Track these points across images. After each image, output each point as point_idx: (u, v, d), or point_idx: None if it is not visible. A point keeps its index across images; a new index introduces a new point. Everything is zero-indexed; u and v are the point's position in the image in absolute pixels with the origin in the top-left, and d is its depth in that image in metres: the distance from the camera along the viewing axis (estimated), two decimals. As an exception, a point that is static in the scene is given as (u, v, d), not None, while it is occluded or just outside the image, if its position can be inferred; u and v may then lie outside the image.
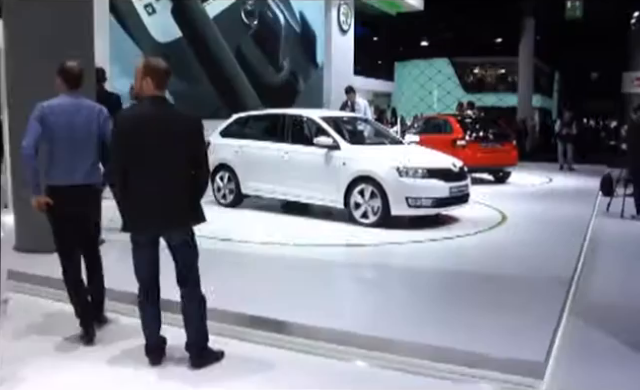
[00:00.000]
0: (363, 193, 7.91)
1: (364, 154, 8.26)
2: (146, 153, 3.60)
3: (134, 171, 3.64)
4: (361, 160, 8.04)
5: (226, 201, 9.37)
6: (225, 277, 5.59)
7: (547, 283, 5.48)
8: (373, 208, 7.85)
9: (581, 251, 6.72)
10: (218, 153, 9.30)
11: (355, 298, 5.17)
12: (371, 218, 7.86)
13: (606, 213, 9.75)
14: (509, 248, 7.08)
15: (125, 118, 3.79)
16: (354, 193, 7.96)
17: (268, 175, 8.80)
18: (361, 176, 7.92)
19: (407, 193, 7.68)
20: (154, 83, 3.63)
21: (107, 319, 4.63)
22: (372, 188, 7.81)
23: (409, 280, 5.77)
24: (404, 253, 6.90)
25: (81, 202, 4.34)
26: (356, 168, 7.98)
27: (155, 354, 3.90)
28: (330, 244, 7.20)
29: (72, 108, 4.32)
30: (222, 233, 7.35)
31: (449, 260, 6.54)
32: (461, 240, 7.40)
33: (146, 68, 3.65)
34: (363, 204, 7.93)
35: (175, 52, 11.36)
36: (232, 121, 9.67)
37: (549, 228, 8.37)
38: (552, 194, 12.17)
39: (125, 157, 3.65)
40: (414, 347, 3.95)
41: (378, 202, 7.78)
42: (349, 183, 7.98)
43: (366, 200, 7.89)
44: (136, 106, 3.85)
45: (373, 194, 7.82)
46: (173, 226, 3.75)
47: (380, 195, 7.75)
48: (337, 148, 8.20)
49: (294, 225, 8.31)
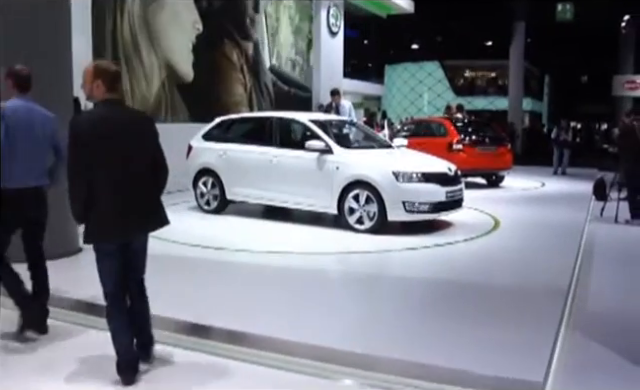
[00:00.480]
0: (358, 198, 7.69)
1: (358, 158, 8.03)
2: (112, 157, 3.46)
3: (99, 177, 3.46)
4: (355, 164, 7.82)
5: (210, 207, 9.02)
6: (205, 287, 5.34)
7: (543, 294, 5.25)
8: (369, 213, 7.63)
9: (577, 259, 6.50)
10: (201, 157, 9.02)
11: (340, 311, 4.89)
12: (367, 224, 7.64)
13: (600, 218, 9.56)
14: (503, 256, 6.84)
15: (83, 123, 3.56)
16: (348, 198, 7.72)
17: (255, 180, 8.51)
18: (356, 181, 7.69)
19: (404, 198, 7.49)
20: (105, 86, 3.52)
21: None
22: (368, 193, 7.60)
23: (398, 291, 5.52)
24: (394, 262, 6.66)
25: (34, 206, 4.35)
26: (351, 173, 7.74)
27: (129, 372, 3.63)
28: (318, 252, 6.94)
29: (27, 111, 4.32)
30: (208, 241, 7.14)
31: (440, 269, 6.28)
32: (453, 247, 7.16)
33: (96, 71, 3.54)
34: (358, 209, 7.70)
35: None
36: (215, 124, 9.34)
37: (543, 234, 8.16)
38: (545, 198, 11.97)
39: (89, 163, 3.44)
40: (401, 365, 3.69)
41: (374, 207, 7.57)
42: (343, 188, 7.75)
43: (361, 205, 7.67)
44: (92, 111, 3.66)
45: (368, 199, 7.60)
46: (148, 229, 3.72)
47: (376, 200, 7.54)
48: (329, 152, 7.96)
49: (282, 232, 8.04)
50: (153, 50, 11.03)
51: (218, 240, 7.28)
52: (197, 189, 9.08)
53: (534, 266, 6.33)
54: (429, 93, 36.52)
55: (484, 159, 13.07)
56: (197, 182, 9.04)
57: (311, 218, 8.52)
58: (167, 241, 7.14)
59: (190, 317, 4.43)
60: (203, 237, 7.36)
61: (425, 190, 7.61)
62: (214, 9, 12.60)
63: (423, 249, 6.99)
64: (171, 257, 6.45)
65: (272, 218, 8.77)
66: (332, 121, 9.35)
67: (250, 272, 6.06)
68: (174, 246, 6.91)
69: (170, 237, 7.24)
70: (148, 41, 10.93)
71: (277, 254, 6.73)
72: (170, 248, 6.82)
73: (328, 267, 6.38)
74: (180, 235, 7.34)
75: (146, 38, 10.89)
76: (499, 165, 13.42)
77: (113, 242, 3.56)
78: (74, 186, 3.46)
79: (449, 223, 8.44)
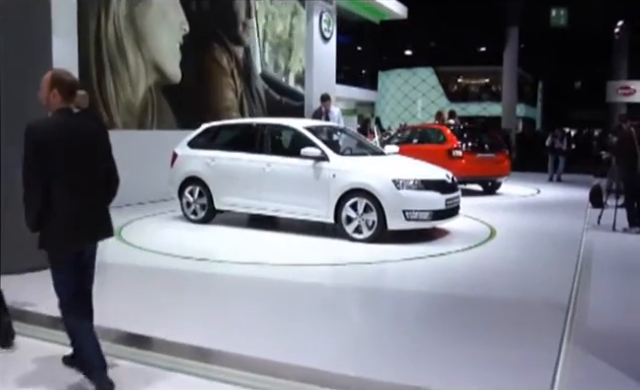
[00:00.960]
0: (355, 207, 7.46)
1: (355, 166, 7.83)
2: (67, 165, 3.41)
3: (55, 185, 3.38)
4: (353, 172, 7.61)
5: (197, 217, 8.68)
6: (183, 301, 5.08)
7: (543, 307, 5.03)
8: (367, 222, 7.42)
9: (576, 270, 6.28)
10: (186, 165, 8.72)
11: (330, 328, 4.64)
12: (365, 233, 7.42)
13: (597, 226, 9.37)
14: (500, 267, 6.59)
15: (39, 130, 3.42)
16: (346, 207, 7.50)
17: (246, 189, 8.23)
18: (354, 189, 7.47)
19: (404, 206, 7.31)
20: (61, 95, 3.47)
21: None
22: (366, 201, 7.39)
23: (393, 305, 5.27)
24: (389, 273, 6.42)
25: None
26: (348, 180, 7.52)
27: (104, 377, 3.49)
28: (309, 263, 6.68)
29: None
30: (193, 251, 6.89)
31: (437, 281, 6.05)
32: (450, 258, 6.92)
33: (53, 80, 3.47)
34: (356, 218, 7.48)
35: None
36: (201, 131, 9.04)
37: (540, 243, 7.93)
38: (541, 206, 11.78)
39: (44, 171, 3.35)
40: (392, 388, 3.45)
41: (373, 216, 7.36)
42: (340, 196, 7.52)
43: (359, 214, 7.45)
44: (48, 118, 3.54)
45: (367, 207, 7.39)
46: (99, 238, 3.70)
47: (375, 208, 7.33)
48: (325, 159, 7.74)
49: (273, 242, 7.77)
50: (140, 52, 10.76)
51: (203, 251, 7.04)
52: (183, 198, 8.75)
53: (532, 278, 6.11)
54: (423, 99, 36.42)
55: (484, 166, 12.92)
56: (183, 191, 8.72)
57: (304, 227, 8.27)
58: (151, 252, 6.91)
59: (160, 333, 4.18)
60: (189, 248, 7.10)
61: (425, 198, 7.45)
62: (203, 11, 12.35)
63: (419, 260, 6.76)
64: (157, 270, 6.20)
65: (263, 228, 8.50)
66: (325, 128, 9.12)
67: (234, 285, 5.82)
68: (159, 257, 6.66)
69: (155, 248, 7.03)
70: (134, 42, 10.66)
71: (266, 266, 6.47)
72: (155, 260, 6.58)
73: (319, 280, 6.10)
74: (167, 246, 7.12)
75: (132, 39, 10.62)
76: (498, 172, 13.27)
77: (69, 250, 3.50)
78: (29, 193, 3.37)
79: (445, 231, 8.23)
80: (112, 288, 5.70)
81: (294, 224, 8.38)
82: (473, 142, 13.10)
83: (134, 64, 10.67)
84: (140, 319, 4.53)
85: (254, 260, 6.66)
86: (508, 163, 13.56)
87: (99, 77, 10.02)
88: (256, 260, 6.66)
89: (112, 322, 4.27)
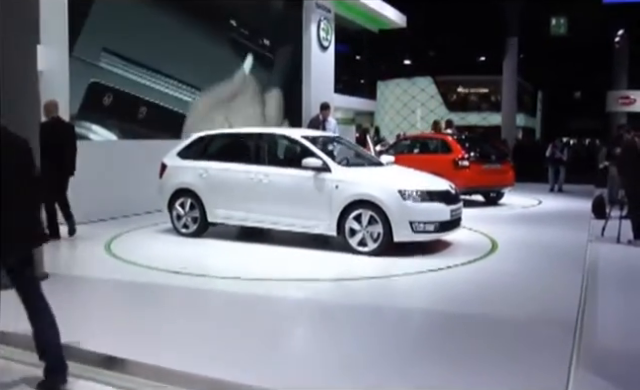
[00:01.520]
0: (359, 218, 7.23)
1: (358, 176, 7.60)
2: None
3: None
4: (357, 183, 7.37)
5: (188, 230, 8.32)
6: (171, 319, 4.82)
7: (550, 327, 4.76)
8: (372, 235, 7.18)
9: (582, 285, 6.01)
10: (177, 177, 8.39)
11: (323, 350, 4.38)
12: (370, 245, 7.19)
13: (601, 237, 9.14)
14: (503, 283, 6.31)
15: None
16: (349, 219, 7.26)
17: (243, 201, 7.92)
18: (358, 200, 7.23)
19: (411, 217, 7.10)
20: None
21: None
22: (371, 213, 7.16)
23: (392, 325, 4.98)
24: (388, 289, 6.16)
25: None
26: (353, 192, 7.28)
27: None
28: (306, 278, 6.38)
29: None
30: (190, 266, 6.61)
31: (437, 298, 5.78)
32: (451, 272, 6.64)
33: None
34: (360, 231, 7.25)
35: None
36: (192, 141, 8.71)
37: (544, 257, 7.66)
38: (543, 217, 11.53)
39: None
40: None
41: (378, 228, 7.13)
42: (343, 208, 7.28)
43: (364, 226, 7.22)
44: None
45: (372, 219, 7.16)
46: (35, 245, 3.80)
47: (381, 220, 7.10)
48: (327, 170, 7.50)
49: (269, 256, 7.47)
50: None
51: (197, 265, 6.78)
52: (173, 211, 8.41)
53: (537, 294, 5.84)
54: (422, 109, 36.26)
55: (490, 176, 12.71)
56: (173, 204, 8.38)
57: (303, 240, 8.00)
58: (141, 266, 6.65)
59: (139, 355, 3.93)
60: (181, 262, 6.83)
61: (431, 209, 7.28)
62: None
63: (422, 274, 6.51)
64: (146, 286, 5.95)
65: (258, 241, 8.22)
66: (321, 137, 8.88)
67: (228, 302, 5.55)
68: (150, 273, 6.40)
69: (146, 262, 6.76)
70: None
71: (264, 282, 6.18)
72: (145, 275, 6.32)
73: (315, 296, 5.79)
74: (158, 260, 6.84)
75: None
76: (503, 182, 13.07)
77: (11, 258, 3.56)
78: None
79: (445, 244, 7.98)
80: (97, 304, 5.48)
81: (292, 237, 8.11)
82: (478, 152, 12.88)
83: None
84: (119, 338, 4.27)
85: (250, 275, 6.38)
86: (512, 173, 13.38)
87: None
88: (253, 275, 6.38)
89: (86, 341, 4.05)
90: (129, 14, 10.42)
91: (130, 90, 10.48)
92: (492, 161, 13.05)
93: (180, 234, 8.39)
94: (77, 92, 9.48)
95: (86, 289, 5.93)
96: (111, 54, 10.09)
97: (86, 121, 9.71)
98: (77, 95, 9.49)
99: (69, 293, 5.55)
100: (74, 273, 6.50)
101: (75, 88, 9.39)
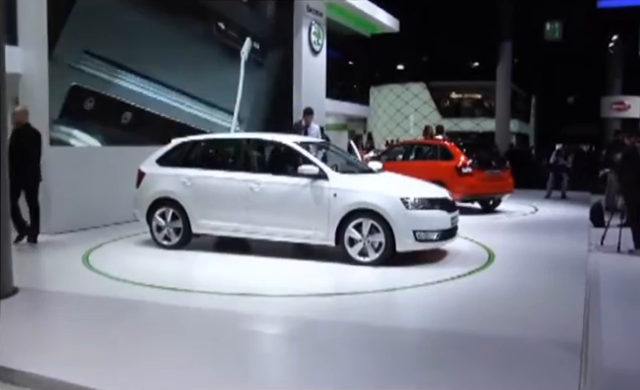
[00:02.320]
0: (359, 228, 6.95)
1: (357, 184, 7.30)
2: None
3: None
4: (357, 191, 7.09)
5: (170, 242, 7.85)
6: (137, 343, 4.44)
7: (554, 348, 4.41)
8: (374, 244, 6.88)
9: (585, 301, 5.68)
10: (157, 185, 7.93)
11: (309, 379, 4.02)
12: (372, 255, 6.94)
13: (601, 247, 8.83)
14: (502, 298, 5.95)
15: None
16: (349, 228, 6.98)
17: (232, 210, 7.51)
18: (358, 209, 6.95)
19: (414, 226, 6.91)
20: None
21: None
22: (372, 222, 6.89)
23: (385, 348, 4.58)
24: (382, 305, 5.76)
25: None
26: (353, 200, 7.00)
27: None
28: (304, 294, 5.96)
29: None
30: (175, 281, 6.22)
31: (433, 316, 5.42)
32: (445, 286, 6.28)
33: None
34: (361, 240, 6.96)
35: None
36: (173, 147, 8.24)
37: (543, 269, 7.32)
38: (540, 225, 11.22)
39: None
40: None
41: (380, 237, 6.89)
42: (343, 217, 6.98)
43: (365, 236, 6.93)
44: None
45: (372, 228, 6.87)
46: None
47: (383, 229, 6.84)
48: (324, 178, 7.18)
49: (261, 268, 7.08)
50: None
51: (182, 279, 6.39)
52: (153, 222, 7.92)
53: (540, 313, 5.46)
54: (415, 115, 36.01)
55: (491, 182, 12.50)
56: (152, 214, 7.89)
57: (293, 251, 7.67)
58: (117, 280, 6.25)
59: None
60: (165, 276, 6.45)
61: (433, 217, 7.11)
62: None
63: (411, 289, 6.17)
64: (122, 302, 5.56)
65: (246, 252, 7.84)
66: (312, 144, 8.52)
67: (204, 321, 5.12)
68: (131, 288, 6.01)
69: (123, 275, 6.37)
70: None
71: (253, 297, 5.77)
72: (126, 290, 5.92)
73: (301, 314, 5.35)
74: (136, 274, 6.45)
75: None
76: (504, 188, 12.86)
77: None
78: None
79: (441, 254, 7.67)
80: (61, 323, 5.03)
81: (281, 247, 7.77)
82: (477, 158, 12.58)
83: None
84: (75, 364, 3.90)
85: (239, 290, 5.96)
86: (511, 180, 13.15)
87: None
88: (242, 290, 5.95)
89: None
90: (112, 15, 10.04)
91: (114, 94, 10.09)
92: (493, 167, 12.84)
93: (161, 246, 7.91)
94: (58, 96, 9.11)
95: (53, 305, 5.55)
96: (93, 57, 9.70)
97: (67, 126, 9.31)
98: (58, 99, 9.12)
99: (34, 310, 5.18)
100: (46, 287, 6.12)
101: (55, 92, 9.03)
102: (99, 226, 9.29)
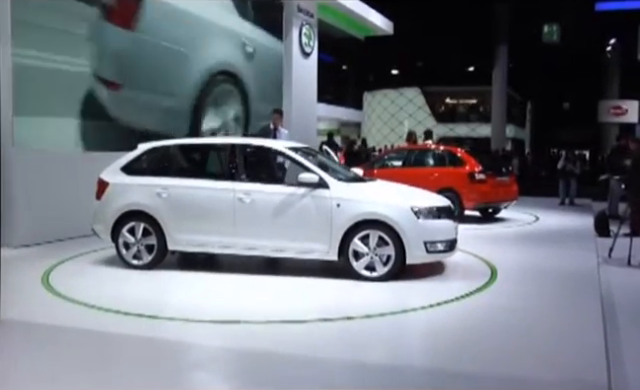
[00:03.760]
0: (365, 240, 6.48)
1: (362, 193, 6.77)
2: None
3: None
4: (363, 200, 6.60)
5: (141, 262, 6.98)
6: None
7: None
8: (382, 257, 6.44)
9: (604, 329, 5.03)
10: (124, 197, 7.04)
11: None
12: (380, 270, 6.47)
13: (609, 259, 8.21)
14: (509, 326, 5.22)
15: None
16: (354, 241, 6.48)
17: (216, 224, 6.78)
18: (365, 220, 6.47)
19: (425, 237, 6.53)
20: None
21: None
22: (380, 233, 6.44)
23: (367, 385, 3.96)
24: (363, 335, 5.01)
25: None
26: (359, 210, 6.49)
27: None
28: (302, 319, 5.18)
29: None
30: (149, 306, 5.46)
31: (426, 350, 4.75)
32: (443, 311, 5.58)
33: None
34: (368, 253, 6.48)
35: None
36: (141, 153, 7.37)
37: (552, 288, 6.66)
38: (543, 236, 10.60)
39: None
40: None
41: (389, 250, 6.44)
42: (348, 229, 6.47)
43: (372, 248, 6.47)
44: None
45: (381, 240, 6.44)
46: None
47: (392, 241, 6.40)
48: (324, 186, 6.60)
49: (251, 288, 6.37)
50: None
51: (157, 303, 5.65)
52: (120, 239, 7.02)
53: (555, 345, 4.76)
54: (410, 120, 35.52)
55: (501, 190, 12.02)
56: (119, 230, 7.01)
57: (289, 267, 7.01)
58: (79, 304, 5.54)
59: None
60: (138, 300, 5.72)
61: (443, 227, 6.76)
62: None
63: (399, 314, 5.51)
64: (80, 332, 4.87)
65: (231, 270, 7.10)
66: (304, 149, 7.78)
67: (194, 358, 4.44)
68: (89, 313, 5.31)
69: (87, 299, 5.65)
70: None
71: (231, 325, 5.03)
72: (82, 316, 5.22)
73: (300, 348, 4.60)
74: (101, 297, 5.72)
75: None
76: (511, 196, 12.40)
77: None
78: None
79: (436, 270, 7.05)
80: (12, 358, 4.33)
81: (274, 263, 7.13)
82: (483, 164, 12.03)
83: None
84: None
85: (223, 316, 5.22)
86: (517, 187, 12.71)
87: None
88: (226, 316, 5.21)
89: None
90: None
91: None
92: (503, 174, 12.42)
93: (129, 266, 7.02)
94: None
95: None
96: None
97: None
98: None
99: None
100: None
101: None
102: (64, 239, 8.54)
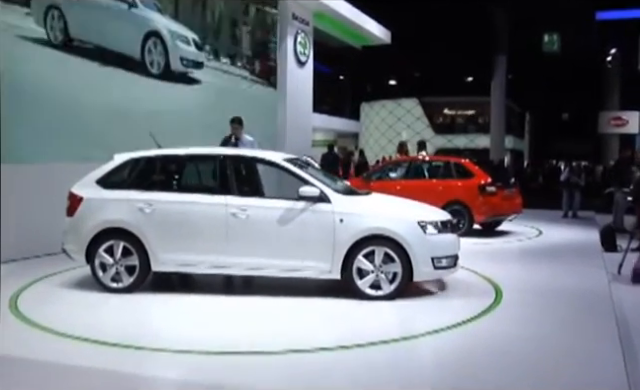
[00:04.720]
0: (369, 257, 6.19)
1: (365, 208, 6.45)
2: None
3: None
4: (368, 215, 6.30)
5: (120, 284, 6.39)
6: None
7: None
8: (387, 275, 6.17)
9: (624, 358, 4.56)
10: (101, 213, 6.46)
11: None
12: (386, 288, 6.18)
13: (619, 276, 7.80)
14: (518, 359, 4.67)
15: None
16: (358, 258, 6.17)
17: (208, 242, 6.30)
18: (370, 236, 6.17)
19: (433, 253, 6.30)
20: None
21: None
22: (386, 249, 6.16)
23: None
24: (352, 368, 4.50)
25: None
26: (365, 226, 6.19)
27: None
28: (303, 349, 4.69)
29: None
30: (134, 335, 4.96)
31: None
32: (443, 340, 5.10)
33: None
34: (374, 271, 6.18)
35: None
36: (120, 165, 6.80)
37: (563, 310, 6.17)
38: (548, 251, 10.16)
39: None
40: None
41: (395, 267, 6.17)
42: (352, 245, 6.15)
43: (378, 266, 6.18)
44: None
45: (387, 257, 6.17)
46: None
47: (399, 257, 6.13)
48: (325, 201, 6.23)
49: (246, 312, 5.88)
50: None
51: (128, 331, 5.11)
52: (96, 259, 6.42)
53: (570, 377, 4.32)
54: (408, 131, 35.17)
55: (508, 202, 11.66)
56: (96, 249, 6.42)
57: (281, 287, 6.55)
58: (50, 332, 5.02)
59: None
60: (118, 328, 5.21)
61: (448, 242, 6.52)
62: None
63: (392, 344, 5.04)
64: (44, 365, 4.38)
65: (222, 292, 6.65)
66: (299, 160, 7.31)
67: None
68: (59, 343, 4.81)
69: (59, 327, 5.12)
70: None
71: (225, 357, 4.51)
72: (52, 346, 4.72)
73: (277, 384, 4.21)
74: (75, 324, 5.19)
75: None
76: (516, 208, 12.04)
77: None
78: None
79: (431, 290, 6.64)
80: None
81: (267, 283, 6.63)
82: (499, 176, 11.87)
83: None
84: None
85: (216, 346, 4.68)
86: (521, 199, 12.35)
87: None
88: (219, 346, 4.69)
89: None
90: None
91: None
92: (510, 186, 12.14)
93: (107, 289, 6.39)
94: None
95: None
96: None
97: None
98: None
99: None
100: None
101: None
102: (42, 255, 8.00)
